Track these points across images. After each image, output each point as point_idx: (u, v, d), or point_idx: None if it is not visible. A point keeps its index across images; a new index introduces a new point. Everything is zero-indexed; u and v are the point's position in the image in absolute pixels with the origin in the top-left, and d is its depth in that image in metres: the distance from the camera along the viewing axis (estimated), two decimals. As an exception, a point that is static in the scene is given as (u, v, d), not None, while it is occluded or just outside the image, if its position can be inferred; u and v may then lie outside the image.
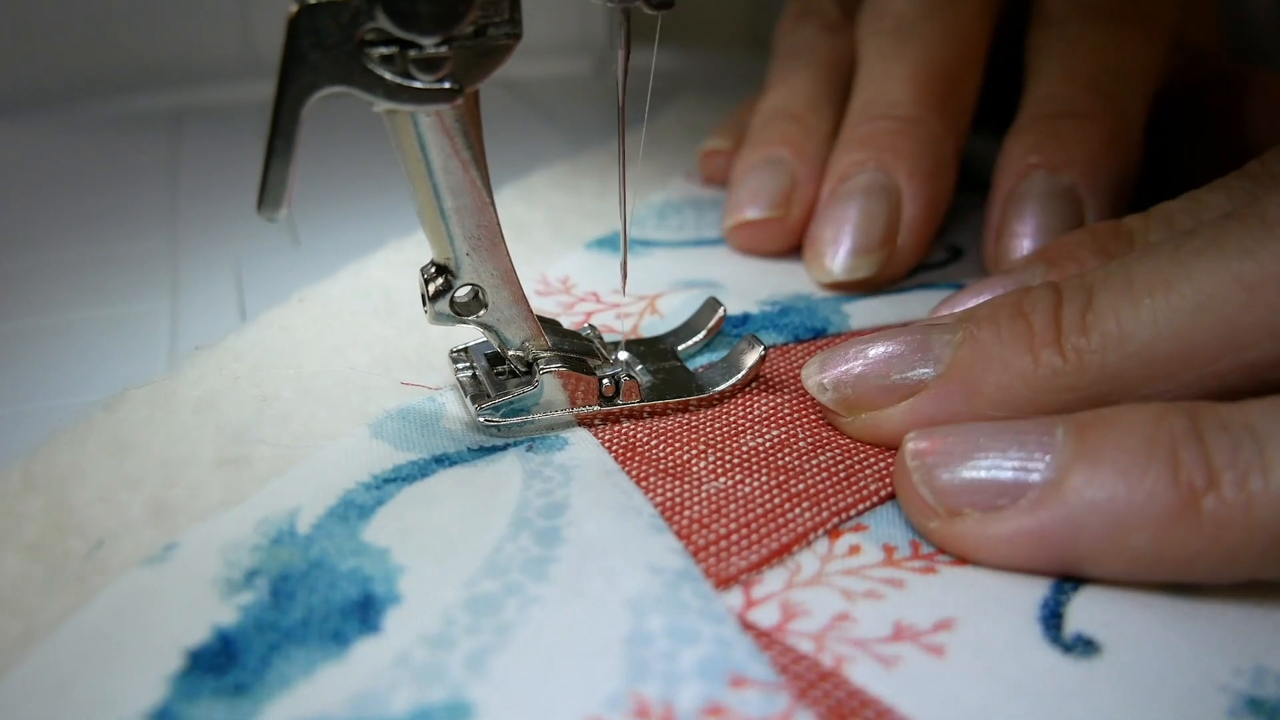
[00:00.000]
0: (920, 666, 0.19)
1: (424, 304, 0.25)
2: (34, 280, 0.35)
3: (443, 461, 0.24)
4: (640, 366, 0.28)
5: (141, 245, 0.38)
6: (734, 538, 0.22)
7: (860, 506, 0.24)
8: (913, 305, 0.33)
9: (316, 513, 0.22)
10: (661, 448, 0.26)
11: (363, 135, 0.45)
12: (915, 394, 0.24)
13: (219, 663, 0.18)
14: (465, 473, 0.24)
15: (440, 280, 0.24)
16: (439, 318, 0.25)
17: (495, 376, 0.27)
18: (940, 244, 0.38)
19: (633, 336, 0.30)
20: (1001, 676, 0.19)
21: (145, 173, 0.46)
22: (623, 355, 0.28)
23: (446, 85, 0.21)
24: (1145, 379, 0.22)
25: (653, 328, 0.31)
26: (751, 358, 0.28)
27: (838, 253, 0.34)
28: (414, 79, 0.21)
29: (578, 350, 0.27)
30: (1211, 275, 0.22)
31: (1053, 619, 0.21)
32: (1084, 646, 0.20)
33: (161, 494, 0.22)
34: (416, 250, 0.34)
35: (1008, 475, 0.21)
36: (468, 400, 0.26)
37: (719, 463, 0.25)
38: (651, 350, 0.29)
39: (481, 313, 0.25)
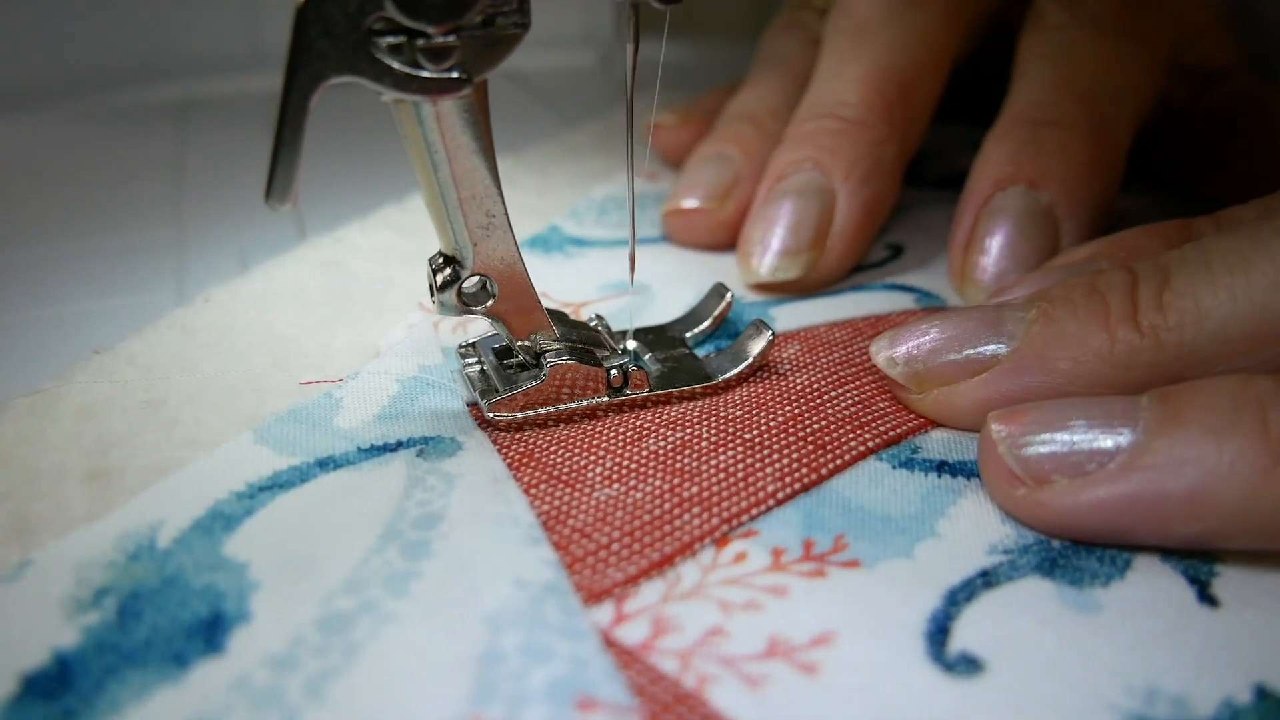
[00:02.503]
0: (788, 687, 0.18)
1: (432, 295, 0.25)
2: (41, 271, 0.35)
3: (326, 465, 0.24)
4: (649, 355, 0.28)
5: (148, 237, 0.38)
6: (615, 548, 0.21)
7: (754, 510, 0.23)
8: (846, 307, 0.32)
9: (180, 526, 0.21)
10: (560, 453, 0.25)
11: (371, 126, 0.45)
12: (988, 369, 0.24)
13: (52, 688, 0.18)
14: (347, 478, 0.23)
15: (448, 271, 0.24)
16: (447, 308, 0.25)
17: (504, 370, 0.27)
18: (880, 241, 0.37)
19: (640, 325, 0.30)
20: (873, 698, 0.18)
21: (151, 165, 0.46)
22: (630, 345, 0.28)
23: (455, 75, 0.21)
24: (1222, 356, 0.22)
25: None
26: (759, 343, 0.27)
27: (765, 253, 0.33)
28: (422, 68, 0.21)
29: (585, 341, 0.26)
30: None
31: (939, 634, 0.20)
32: (966, 665, 0.19)
33: (25, 509, 0.21)
34: (335, 248, 0.33)
35: (1095, 441, 0.21)
36: (477, 395, 0.26)
37: (616, 468, 0.24)
38: (660, 338, 0.29)
39: (489, 303, 0.25)
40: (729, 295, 0.30)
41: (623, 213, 0.39)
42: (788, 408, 0.26)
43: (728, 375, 0.27)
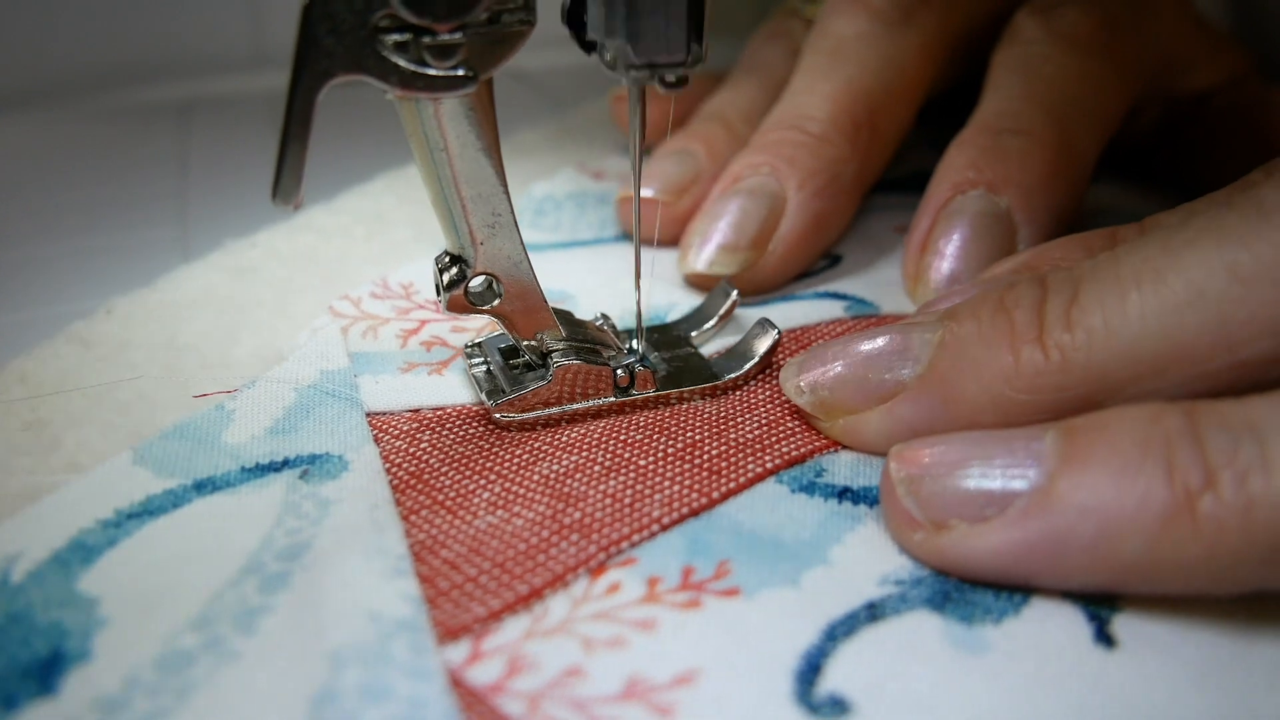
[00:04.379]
0: (638, 732, 0.17)
1: (438, 294, 0.24)
2: (44, 270, 0.35)
3: (204, 488, 0.23)
4: (654, 355, 0.28)
5: (151, 235, 0.38)
6: (483, 580, 0.20)
7: (636, 537, 0.22)
8: (773, 318, 0.30)
9: (38, 558, 0.21)
10: (450, 475, 0.24)
11: (372, 124, 0.45)
12: (895, 396, 0.23)
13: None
14: (222, 503, 0.23)
15: (454, 270, 0.24)
16: (453, 308, 0.24)
17: (510, 370, 0.26)
18: None
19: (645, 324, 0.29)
20: (727, 744, 0.17)
21: (155, 163, 0.46)
22: (636, 344, 0.28)
23: (460, 72, 0.21)
24: (1134, 378, 0.20)
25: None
26: (765, 343, 0.27)
27: (704, 245, 0.32)
28: (428, 66, 0.21)
29: (591, 341, 0.26)
30: (1203, 266, 0.20)
31: (809, 672, 0.18)
32: (833, 707, 0.18)
33: (-116, 540, 0.21)
34: (250, 253, 0.32)
35: (995, 484, 0.20)
36: (483, 395, 0.26)
37: (503, 493, 0.23)
38: (665, 338, 0.29)
39: (496, 302, 0.25)
40: (734, 294, 0.30)
41: (560, 214, 0.38)
42: (690, 432, 0.25)
43: (734, 375, 0.27)
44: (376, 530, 0.22)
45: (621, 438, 0.25)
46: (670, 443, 0.25)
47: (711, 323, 0.30)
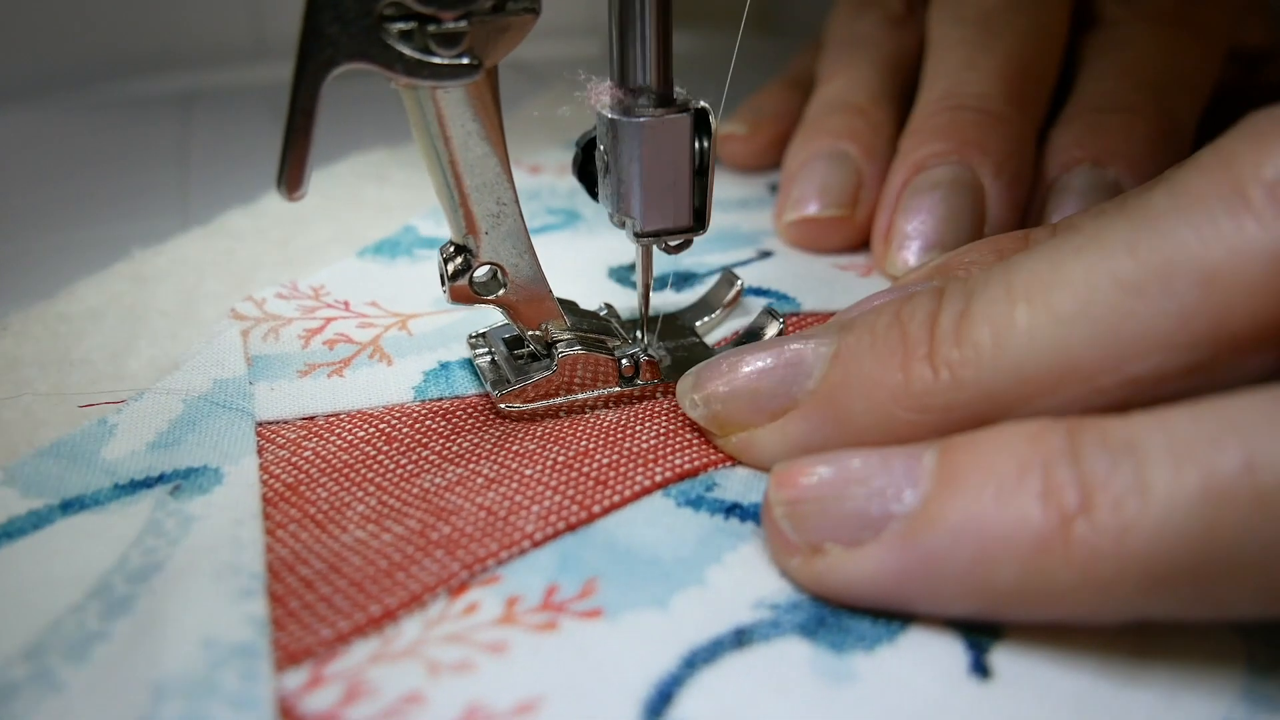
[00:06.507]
0: (468, 767, 0.16)
1: (443, 284, 0.24)
2: (46, 263, 0.35)
3: (70, 508, 0.22)
4: (659, 344, 0.28)
5: (153, 227, 0.37)
6: (336, 600, 0.20)
7: (503, 554, 0.21)
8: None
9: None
10: (329, 486, 0.23)
11: (382, 114, 0.43)
12: (788, 413, 0.22)
13: None
14: (86, 523, 0.22)
15: (459, 260, 0.24)
16: (457, 298, 0.24)
17: (514, 360, 0.26)
18: (751, 245, 0.35)
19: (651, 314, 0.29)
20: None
21: (156, 155, 0.46)
22: (641, 334, 0.28)
23: (466, 61, 0.21)
24: (1024, 398, 0.19)
25: (398, 344, 0.28)
26: (770, 332, 0.27)
27: (911, 245, 0.31)
28: (433, 54, 0.21)
29: (596, 330, 0.26)
30: (1090, 277, 0.18)
31: (659, 702, 0.17)
32: (679, 740, 0.17)
33: None
34: (156, 260, 0.31)
35: (871, 506, 0.19)
36: (488, 385, 0.26)
37: (379, 505, 0.22)
38: (670, 327, 0.29)
39: (500, 292, 0.25)
40: (739, 283, 0.29)
41: None
42: (584, 441, 0.24)
43: None
44: (236, 548, 0.21)
45: (513, 447, 0.24)
46: (562, 451, 0.24)
47: (716, 312, 0.29)
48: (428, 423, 0.25)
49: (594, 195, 0.25)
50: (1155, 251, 0.18)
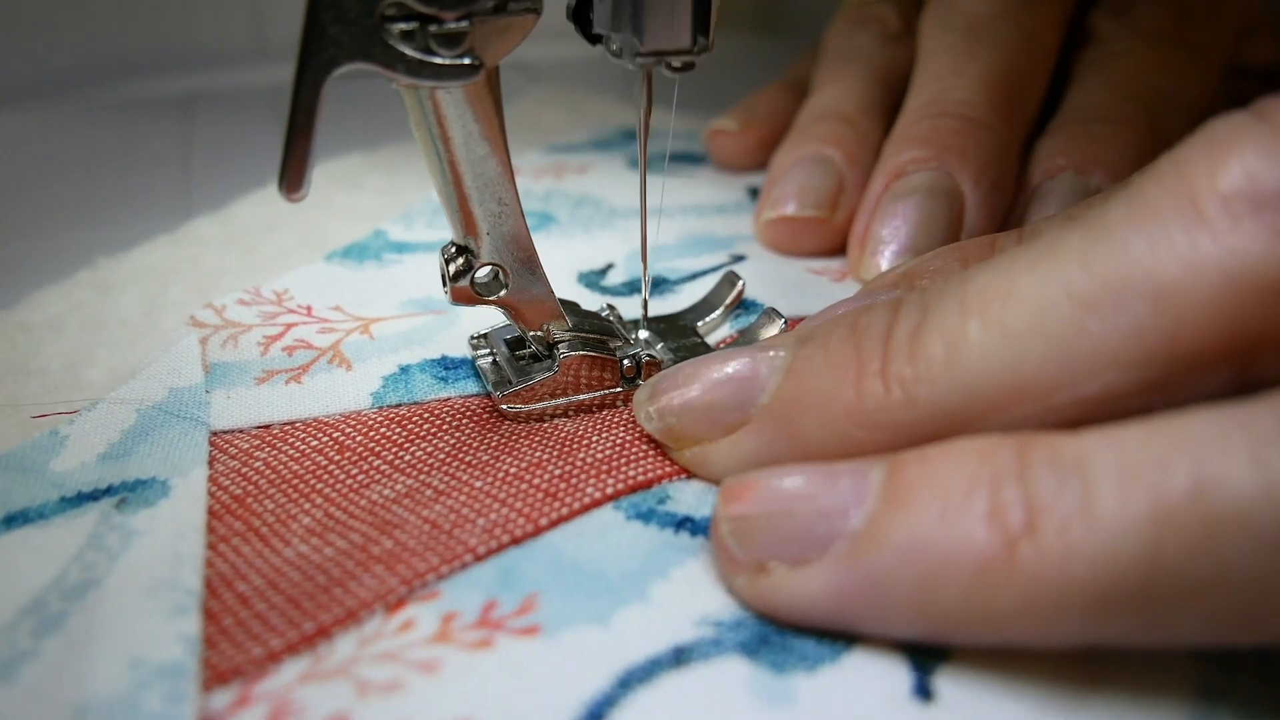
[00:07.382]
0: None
1: (444, 284, 0.24)
2: (46, 266, 0.34)
3: (14, 522, 0.22)
4: (661, 345, 0.28)
5: (154, 230, 0.36)
6: (270, 618, 0.19)
7: (444, 568, 0.20)
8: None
9: None
10: (277, 498, 0.23)
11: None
12: (741, 427, 0.21)
13: None
14: (28, 537, 0.21)
15: (461, 260, 0.24)
16: (458, 299, 0.24)
17: (516, 361, 0.26)
18: (723, 249, 0.34)
19: (651, 314, 0.29)
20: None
21: (157, 158, 0.46)
22: (643, 334, 0.28)
23: (467, 61, 0.21)
24: (978, 415, 0.18)
25: (359, 349, 0.28)
26: (771, 332, 0.27)
27: (885, 250, 0.31)
28: (435, 54, 0.21)
29: (598, 330, 0.26)
30: (1043, 291, 0.18)
31: (590, 725, 0.17)
32: (606, 766, 0.16)
33: None
34: (120, 269, 0.31)
35: (816, 525, 0.18)
36: (490, 387, 0.26)
37: (325, 519, 0.22)
38: (672, 328, 0.29)
39: (502, 293, 0.25)
40: (740, 283, 0.29)
41: None
42: (538, 451, 0.24)
43: None
44: (176, 563, 0.20)
45: (466, 458, 0.24)
46: (514, 463, 0.23)
47: (717, 312, 0.29)
48: (383, 430, 0.25)
49: (589, 38, 0.25)
50: (1108, 265, 0.17)
